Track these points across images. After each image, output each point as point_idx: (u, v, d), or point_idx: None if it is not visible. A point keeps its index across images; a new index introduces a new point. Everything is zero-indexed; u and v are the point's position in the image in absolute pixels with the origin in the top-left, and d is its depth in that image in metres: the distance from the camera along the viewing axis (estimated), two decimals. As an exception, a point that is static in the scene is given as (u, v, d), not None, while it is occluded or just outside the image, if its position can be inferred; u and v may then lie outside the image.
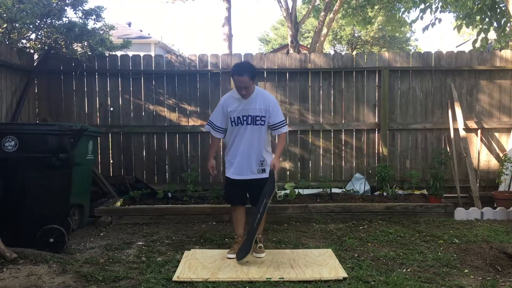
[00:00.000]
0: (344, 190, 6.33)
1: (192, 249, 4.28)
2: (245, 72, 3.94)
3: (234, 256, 3.95)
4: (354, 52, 10.54)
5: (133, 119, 6.52)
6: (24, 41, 5.97)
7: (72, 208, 4.83)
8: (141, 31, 27.38)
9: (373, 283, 3.39)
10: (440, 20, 6.37)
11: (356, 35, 29.77)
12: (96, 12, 5.95)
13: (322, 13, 14.61)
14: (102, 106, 6.49)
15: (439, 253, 4.13)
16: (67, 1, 5.77)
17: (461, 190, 6.11)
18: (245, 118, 4.02)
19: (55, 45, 5.84)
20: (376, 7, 16.62)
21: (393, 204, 5.70)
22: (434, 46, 46.21)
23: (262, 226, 4.20)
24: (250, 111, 4.02)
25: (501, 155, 6.42)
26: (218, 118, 4.12)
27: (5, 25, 5.34)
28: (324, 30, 15.13)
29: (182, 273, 3.59)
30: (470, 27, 6.71)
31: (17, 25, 5.39)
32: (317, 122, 6.58)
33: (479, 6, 5.87)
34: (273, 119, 4.07)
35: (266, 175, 4.05)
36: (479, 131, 6.51)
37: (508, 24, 6.13)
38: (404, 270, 3.73)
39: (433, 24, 6.38)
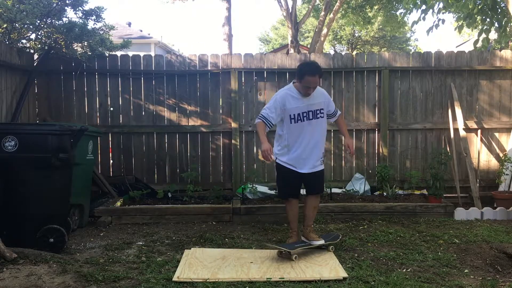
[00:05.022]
0: (344, 190, 6.33)
1: (192, 248, 4.28)
2: (318, 73, 4.07)
3: None
4: (354, 52, 10.52)
5: (133, 119, 6.52)
6: (24, 41, 5.97)
7: (72, 208, 4.83)
8: (141, 31, 27.39)
9: (373, 283, 3.40)
10: (443, 21, 6.35)
11: (356, 35, 29.79)
12: (96, 13, 5.96)
13: (322, 13, 14.63)
14: (102, 106, 6.48)
15: (439, 253, 4.13)
16: (67, 1, 5.77)
17: (461, 190, 6.12)
18: (305, 114, 4.12)
19: (55, 45, 5.84)
20: (375, 7, 16.62)
21: (393, 204, 5.70)
22: (434, 46, 46.24)
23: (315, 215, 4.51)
24: (311, 107, 4.14)
25: (501, 155, 6.42)
26: (274, 116, 4.13)
27: (5, 25, 5.34)
28: (324, 30, 15.14)
29: (182, 273, 3.59)
30: (470, 27, 6.70)
31: (17, 25, 5.40)
32: (317, 122, 6.57)
33: (480, 6, 5.86)
34: (330, 108, 4.36)
35: (323, 166, 4.31)
36: (479, 131, 6.51)
37: (509, 24, 6.12)
38: (404, 270, 3.73)
39: (436, 26, 6.35)
